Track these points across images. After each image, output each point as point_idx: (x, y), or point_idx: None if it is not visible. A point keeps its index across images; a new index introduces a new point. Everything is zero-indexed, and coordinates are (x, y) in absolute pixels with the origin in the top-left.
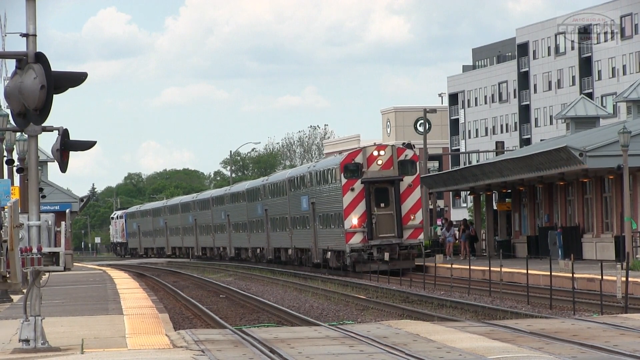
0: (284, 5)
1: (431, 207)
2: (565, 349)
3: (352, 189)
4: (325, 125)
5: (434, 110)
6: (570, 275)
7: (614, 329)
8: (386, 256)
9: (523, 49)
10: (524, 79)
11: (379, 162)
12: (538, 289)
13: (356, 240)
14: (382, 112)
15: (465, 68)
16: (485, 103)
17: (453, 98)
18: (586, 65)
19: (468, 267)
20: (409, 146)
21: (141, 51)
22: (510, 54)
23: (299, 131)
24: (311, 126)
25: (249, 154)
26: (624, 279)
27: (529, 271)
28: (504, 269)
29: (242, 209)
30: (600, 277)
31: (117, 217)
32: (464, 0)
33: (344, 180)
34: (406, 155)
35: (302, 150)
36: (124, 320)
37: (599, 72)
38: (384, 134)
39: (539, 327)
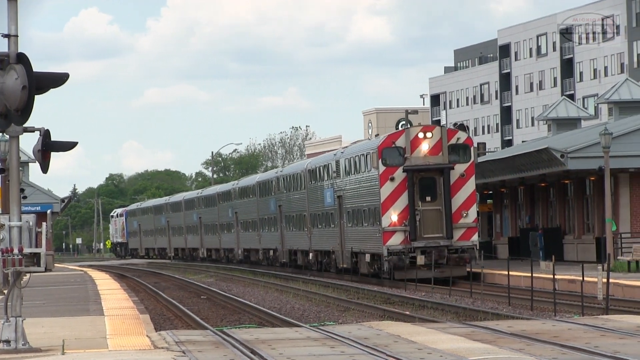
0: (265, 6)
1: None
2: (546, 350)
3: (392, 179)
4: (306, 126)
5: (415, 112)
6: (552, 276)
7: (595, 330)
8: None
9: (505, 50)
10: (505, 80)
11: (425, 146)
12: (519, 290)
13: (396, 241)
14: (364, 113)
15: (447, 69)
16: (467, 104)
17: (435, 99)
18: (568, 67)
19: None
20: (462, 127)
21: (123, 52)
22: (492, 55)
23: (281, 132)
24: (293, 127)
25: (230, 155)
26: (604, 280)
27: (510, 272)
28: (485, 270)
29: (252, 205)
30: (581, 278)
31: (117, 215)
32: (446, 2)
33: (382, 168)
34: (458, 139)
35: (283, 152)
36: (105, 321)
37: (581, 73)
38: (365, 135)
39: (519, 329)
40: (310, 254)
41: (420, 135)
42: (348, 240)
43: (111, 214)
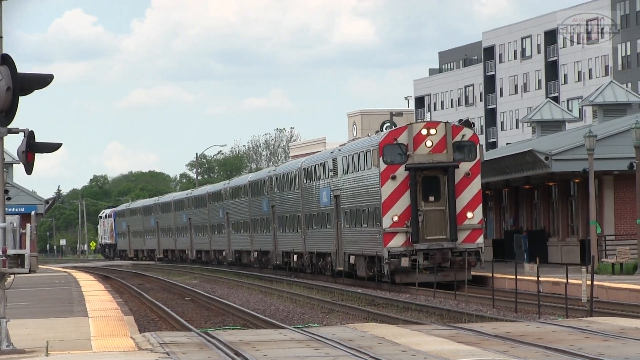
0: (250, 8)
1: None
2: (530, 352)
3: (394, 177)
4: (291, 128)
5: (400, 114)
6: (536, 278)
7: (579, 332)
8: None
9: (489, 52)
10: (490, 82)
11: (429, 143)
12: (503, 292)
13: (397, 242)
14: (349, 115)
15: (432, 71)
16: (452, 106)
17: (419, 101)
18: (552, 69)
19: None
20: (467, 124)
21: (107, 53)
22: (476, 57)
23: (265, 134)
24: (277, 129)
25: (214, 157)
26: (589, 282)
27: (495, 274)
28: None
29: (243, 206)
30: (565, 280)
31: (105, 215)
32: (430, 3)
33: (383, 166)
34: (463, 136)
35: (268, 153)
36: (89, 323)
37: (565, 76)
38: (350, 137)
39: (504, 331)
40: (305, 256)
41: (424, 131)
42: (345, 241)
43: (99, 214)
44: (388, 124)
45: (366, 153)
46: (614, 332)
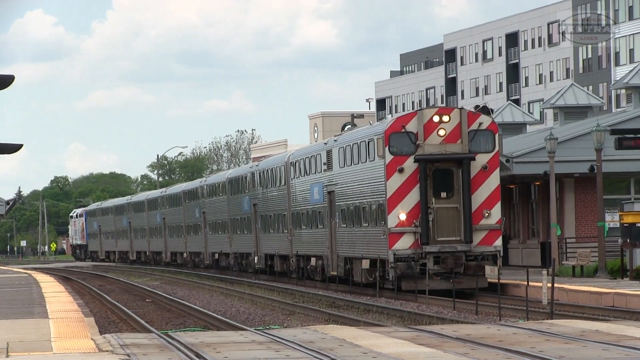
0: (211, 9)
1: None
2: (491, 355)
3: (401, 170)
4: (252, 130)
5: (361, 116)
6: (496, 281)
7: (540, 334)
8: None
9: (450, 54)
10: (451, 84)
11: (441, 132)
12: (464, 294)
13: (404, 244)
14: (310, 117)
15: (393, 73)
16: (413, 109)
17: (381, 103)
18: (513, 72)
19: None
20: (485, 110)
21: (68, 54)
22: (437, 59)
23: (227, 135)
24: (238, 130)
25: (176, 158)
26: (549, 285)
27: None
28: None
29: (222, 205)
30: (526, 283)
31: (76, 215)
32: (392, 6)
33: (389, 157)
34: (480, 124)
35: (229, 155)
36: (50, 324)
37: (526, 78)
38: (311, 139)
39: (464, 333)
40: (291, 260)
41: (436, 118)
42: (340, 243)
43: (70, 214)
44: (349, 126)
45: (368, 143)
46: (574, 335)
